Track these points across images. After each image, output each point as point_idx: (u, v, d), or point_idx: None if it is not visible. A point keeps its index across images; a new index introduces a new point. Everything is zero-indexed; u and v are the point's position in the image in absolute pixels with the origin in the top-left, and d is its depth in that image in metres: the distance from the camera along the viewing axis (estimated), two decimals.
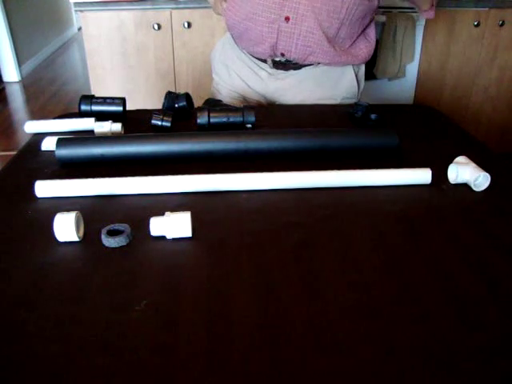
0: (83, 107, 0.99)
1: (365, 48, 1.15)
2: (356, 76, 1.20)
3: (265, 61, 1.16)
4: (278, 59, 1.14)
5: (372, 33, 1.16)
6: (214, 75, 1.32)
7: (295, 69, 1.15)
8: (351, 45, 1.13)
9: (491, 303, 0.53)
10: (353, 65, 1.18)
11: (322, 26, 1.03)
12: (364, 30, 1.14)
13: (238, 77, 1.23)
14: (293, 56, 1.10)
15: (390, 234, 0.66)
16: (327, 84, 1.18)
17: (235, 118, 0.93)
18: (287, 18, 1.03)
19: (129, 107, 1.07)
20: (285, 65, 1.15)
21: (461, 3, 2.21)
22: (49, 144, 0.89)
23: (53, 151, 0.87)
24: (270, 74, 1.18)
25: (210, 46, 2.13)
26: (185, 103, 1.02)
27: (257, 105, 1.22)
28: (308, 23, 1.03)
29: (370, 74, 2.27)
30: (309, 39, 1.06)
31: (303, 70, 1.15)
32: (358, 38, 1.13)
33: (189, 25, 2.12)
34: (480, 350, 0.47)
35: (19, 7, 4.16)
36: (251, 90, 1.22)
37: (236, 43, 1.20)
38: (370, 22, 1.14)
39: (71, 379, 0.44)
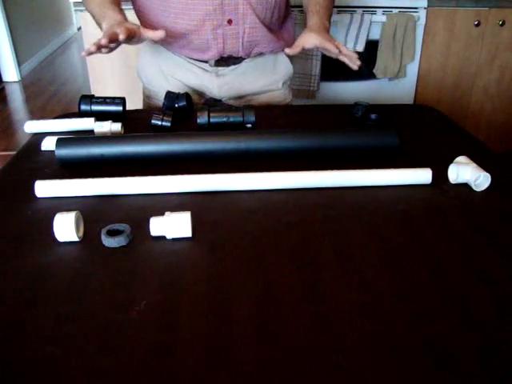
0: (83, 107, 0.99)
1: (292, 29, 1.23)
2: (289, 58, 1.25)
3: (205, 61, 1.15)
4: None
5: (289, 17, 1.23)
6: (147, 87, 1.24)
7: (235, 63, 1.16)
8: (282, 28, 1.19)
9: (491, 303, 0.53)
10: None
11: (260, 17, 1.08)
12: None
13: (178, 81, 1.19)
14: (240, 54, 1.12)
15: (390, 233, 0.66)
16: (266, 71, 1.21)
17: (235, 117, 0.93)
18: (230, 21, 1.06)
19: (129, 107, 1.07)
20: (226, 61, 1.14)
21: (461, 3, 2.21)
22: (49, 144, 0.89)
23: (53, 151, 0.87)
24: (210, 72, 1.16)
25: None
26: (185, 103, 1.02)
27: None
28: (249, 19, 1.07)
29: (370, 74, 2.27)
30: (253, 34, 1.09)
31: (243, 63, 1.16)
32: (284, 20, 1.19)
33: None
34: (480, 350, 0.47)
35: (19, 7, 4.15)
36: (194, 93, 1.19)
37: (170, 52, 1.16)
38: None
39: (71, 379, 0.44)
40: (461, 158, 0.81)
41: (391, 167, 0.78)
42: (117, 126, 0.94)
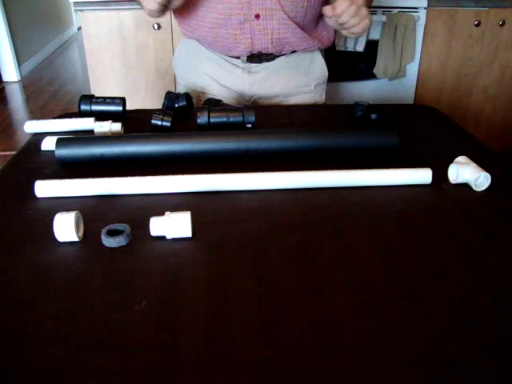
0: (83, 107, 0.99)
1: (325, 30, 1.18)
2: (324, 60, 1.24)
3: (238, 57, 1.15)
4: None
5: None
6: (179, 80, 1.27)
7: (268, 60, 1.15)
8: (316, 27, 1.16)
9: (491, 303, 0.53)
10: (320, 49, 1.21)
11: (289, 14, 1.06)
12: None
13: (209, 78, 1.19)
14: (271, 50, 1.11)
15: (390, 233, 0.65)
16: (300, 72, 1.20)
17: (235, 117, 0.93)
18: (257, 16, 1.05)
19: (129, 107, 1.07)
20: (259, 57, 1.14)
21: (461, 3, 2.21)
22: (49, 144, 0.89)
23: (53, 151, 0.87)
24: (243, 69, 1.16)
25: None
26: (185, 103, 1.02)
27: (235, 104, 1.20)
28: (278, 15, 1.05)
29: (370, 74, 2.27)
30: (282, 31, 1.08)
31: (276, 60, 1.16)
32: (321, 20, 1.16)
33: None
34: (480, 350, 0.47)
35: (19, 7, 4.15)
36: (226, 89, 1.20)
37: (204, 47, 1.17)
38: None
39: (71, 379, 0.44)
40: (461, 158, 0.81)
41: (391, 167, 0.78)
42: (117, 126, 0.94)
